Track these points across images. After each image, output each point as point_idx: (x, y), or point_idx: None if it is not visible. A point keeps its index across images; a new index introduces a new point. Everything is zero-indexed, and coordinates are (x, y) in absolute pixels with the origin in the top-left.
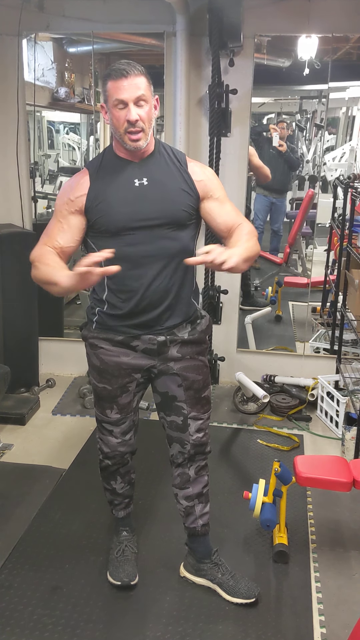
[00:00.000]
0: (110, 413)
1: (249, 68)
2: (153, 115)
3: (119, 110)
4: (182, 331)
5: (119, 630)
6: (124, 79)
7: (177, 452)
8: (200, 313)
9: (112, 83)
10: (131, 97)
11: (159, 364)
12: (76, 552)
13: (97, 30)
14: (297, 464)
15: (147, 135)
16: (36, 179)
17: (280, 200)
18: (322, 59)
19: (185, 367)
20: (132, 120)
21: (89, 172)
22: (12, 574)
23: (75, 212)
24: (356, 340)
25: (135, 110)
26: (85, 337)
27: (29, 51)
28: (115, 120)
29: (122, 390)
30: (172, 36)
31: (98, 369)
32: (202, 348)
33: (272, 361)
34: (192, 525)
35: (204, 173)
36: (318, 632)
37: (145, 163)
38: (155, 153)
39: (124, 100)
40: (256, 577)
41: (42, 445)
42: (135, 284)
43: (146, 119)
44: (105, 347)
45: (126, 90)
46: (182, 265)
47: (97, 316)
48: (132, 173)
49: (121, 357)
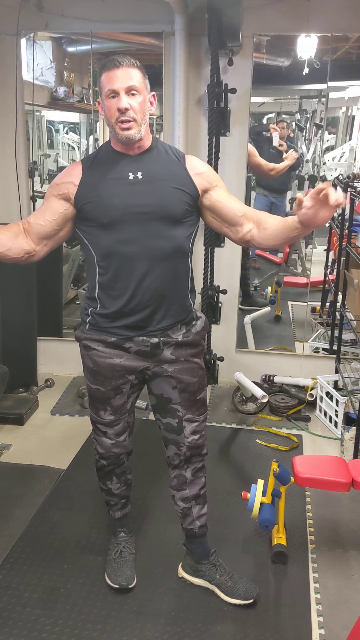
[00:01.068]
0: (104, 414)
1: (248, 67)
2: (147, 109)
3: (111, 99)
4: (176, 333)
5: (117, 631)
6: (116, 69)
7: (173, 454)
8: (196, 314)
9: (105, 74)
10: (122, 86)
11: (153, 366)
12: (75, 552)
13: (95, 29)
14: (295, 464)
15: (139, 127)
16: (35, 178)
17: (280, 200)
18: (322, 59)
19: (179, 369)
20: (121, 108)
21: (82, 164)
22: (10, 574)
23: (59, 196)
24: (355, 340)
25: (125, 99)
26: (78, 338)
27: (27, 50)
28: (107, 111)
29: (116, 392)
30: (171, 36)
31: (91, 371)
32: (198, 350)
33: (271, 361)
34: (190, 526)
35: (202, 168)
36: (317, 633)
37: (142, 158)
38: (152, 149)
39: (116, 90)
40: (255, 577)
41: (40, 445)
42: (126, 281)
43: (138, 110)
44: (98, 348)
45: (118, 79)
46: (176, 265)
47: (90, 317)
48: (127, 167)
49: (114, 359)
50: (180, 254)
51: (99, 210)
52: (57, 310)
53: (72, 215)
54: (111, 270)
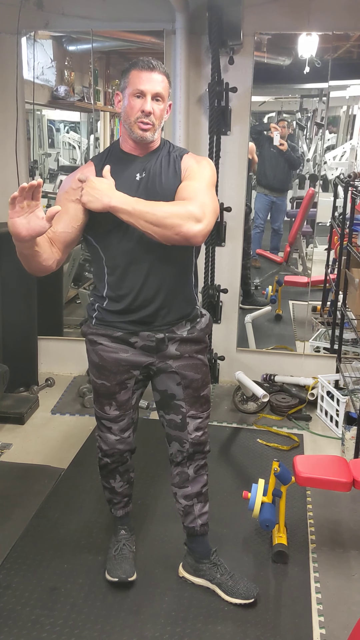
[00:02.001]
0: (109, 410)
1: (248, 66)
2: (164, 117)
3: (136, 98)
4: (181, 329)
5: (117, 631)
6: (150, 71)
7: (176, 451)
8: (201, 312)
9: (136, 72)
10: (151, 90)
11: (157, 361)
12: (75, 552)
13: (96, 28)
14: (296, 464)
15: (154, 132)
16: (36, 177)
17: (280, 199)
18: (323, 58)
19: (184, 365)
20: (146, 111)
21: (94, 164)
22: (11, 574)
23: (76, 200)
24: (356, 339)
25: (151, 103)
26: (84, 333)
27: (28, 49)
28: (129, 108)
29: (121, 387)
30: (172, 34)
31: (97, 365)
32: (202, 347)
33: (272, 360)
34: (191, 524)
35: (191, 161)
36: (317, 633)
37: (148, 158)
38: (158, 149)
39: (144, 91)
40: (255, 577)
41: (41, 445)
42: (133, 279)
43: (158, 116)
44: (104, 343)
45: (149, 82)
46: (180, 260)
47: (97, 312)
48: (135, 168)
49: (120, 354)
50: (185, 249)
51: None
52: (58, 310)
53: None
54: (119, 270)
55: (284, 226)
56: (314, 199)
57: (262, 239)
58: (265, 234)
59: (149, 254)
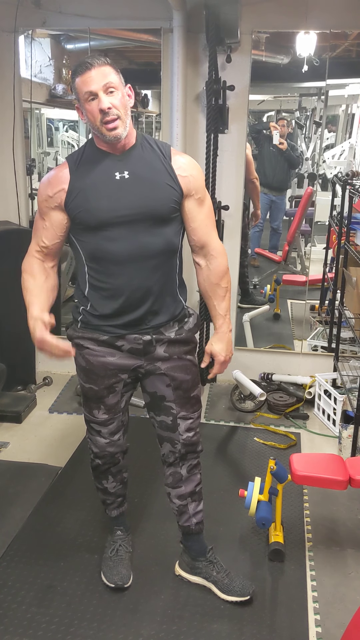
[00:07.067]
0: (97, 413)
1: (246, 64)
2: (127, 104)
3: (91, 102)
4: (169, 330)
5: (114, 629)
6: (89, 71)
7: (168, 452)
8: (188, 311)
9: (79, 79)
10: (99, 86)
11: (145, 363)
12: (71, 551)
13: (93, 26)
14: (293, 462)
15: (124, 124)
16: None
17: (279, 198)
18: (321, 56)
19: (173, 367)
20: (104, 108)
21: (68, 165)
22: (7, 572)
23: (56, 207)
24: (354, 338)
25: (106, 99)
26: (70, 337)
27: (26, 47)
28: (90, 115)
29: (109, 391)
30: (169, 32)
31: (84, 369)
32: (190, 347)
33: (270, 359)
34: (186, 523)
35: (188, 169)
36: (313, 631)
37: (127, 156)
38: (137, 146)
39: (93, 91)
40: (251, 575)
41: (38, 443)
42: (116, 281)
43: (120, 106)
44: (90, 347)
45: (93, 80)
46: (165, 262)
47: (82, 315)
48: (113, 166)
49: (107, 357)
50: (170, 251)
51: (87, 213)
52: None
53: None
54: (100, 271)
55: (282, 225)
56: (312, 197)
57: (261, 238)
58: (264, 233)
59: (133, 255)
